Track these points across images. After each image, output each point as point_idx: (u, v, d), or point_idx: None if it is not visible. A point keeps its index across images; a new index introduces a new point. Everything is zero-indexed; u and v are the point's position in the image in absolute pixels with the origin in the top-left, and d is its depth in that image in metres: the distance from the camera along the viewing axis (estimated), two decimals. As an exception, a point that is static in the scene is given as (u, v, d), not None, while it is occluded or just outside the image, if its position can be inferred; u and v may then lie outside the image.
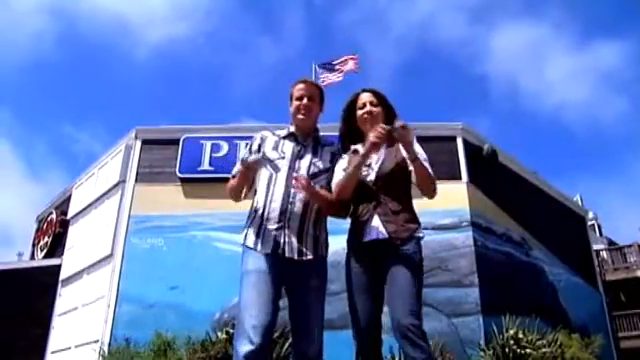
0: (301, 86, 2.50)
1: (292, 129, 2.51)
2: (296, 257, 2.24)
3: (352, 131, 2.59)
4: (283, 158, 2.38)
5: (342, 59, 12.03)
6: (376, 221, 2.34)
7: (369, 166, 2.43)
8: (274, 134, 2.50)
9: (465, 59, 66.48)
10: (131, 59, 76.12)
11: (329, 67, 12.00)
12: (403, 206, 2.35)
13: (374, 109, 2.50)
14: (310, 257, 2.27)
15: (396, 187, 2.37)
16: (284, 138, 2.48)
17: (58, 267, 9.97)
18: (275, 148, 2.43)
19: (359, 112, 2.54)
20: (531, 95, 67.35)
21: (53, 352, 9.28)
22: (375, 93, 2.55)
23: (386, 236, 2.30)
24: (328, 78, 11.81)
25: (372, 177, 2.40)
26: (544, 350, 6.34)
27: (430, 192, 2.37)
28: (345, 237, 2.44)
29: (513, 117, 64.47)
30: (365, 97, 2.55)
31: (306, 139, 2.48)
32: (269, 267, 2.19)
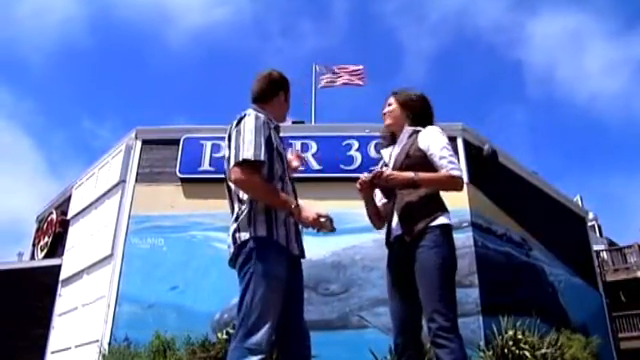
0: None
1: (275, 122, 2.40)
2: (305, 256, 2.31)
3: None
4: (285, 154, 2.40)
5: (344, 67, 12.05)
6: (395, 218, 2.38)
7: (386, 165, 2.50)
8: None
9: (503, 46, 65.01)
10: (165, 46, 72.86)
11: (330, 70, 12.02)
12: (420, 197, 2.31)
13: (387, 109, 2.59)
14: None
15: None
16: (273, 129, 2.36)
17: (58, 267, 9.96)
18: (279, 141, 2.36)
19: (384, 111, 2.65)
20: (568, 84, 65.90)
21: (53, 352, 9.28)
22: (396, 94, 2.60)
23: (400, 232, 2.32)
24: (327, 80, 11.82)
25: None
26: (544, 351, 6.33)
27: (453, 190, 2.36)
28: (345, 238, 2.49)
29: (548, 107, 62.95)
30: (389, 98, 2.62)
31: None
32: (287, 272, 2.15)
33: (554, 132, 59.87)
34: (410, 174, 2.28)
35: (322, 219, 2.12)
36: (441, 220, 2.27)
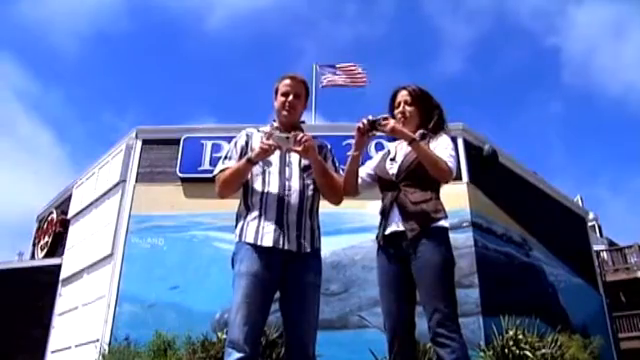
0: (288, 82, 2.45)
1: (276, 125, 2.47)
2: (295, 249, 2.21)
3: None
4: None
5: (345, 65, 12.03)
6: (396, 213, 2.34)
7: (393, 159, 2.47)
8: (259, 131, 2.48)
9: (542, 33, 62.85)
10: (202, 32, 69.31)
11: (331, 69, 12.00)
12: (426, 197, 2.31)
13: (407, 109, 2.50)
14: (308, 250, 2.26)
15: (419, 178, 2.33)
16: None
17: (58, 267, 9.97)
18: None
19: (395, 112, 2.55)
20: (604, 74, 64.32)
21: (53, 352, 9.28)
22: (410, 91, 2.53)
23: (402, 228, 2.29)
24: (328, 79, 11.81)
25: (395, 170, 2.42)
26: (544, 351, 6.33)
27: (439, 176, 2.31)
28: (345, 238, 2.46)
29: (583, 97, 60.92)
30: (400, 96, 2.54)
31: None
32: (265, 267, 2.16)
33: (588, 124, 57.81)
34: (414, 135, 2.31)
35: (266, 144, 2.18)
36: (443, 223, 2.29)
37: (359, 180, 2.49)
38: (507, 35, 63.78)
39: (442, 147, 2.36)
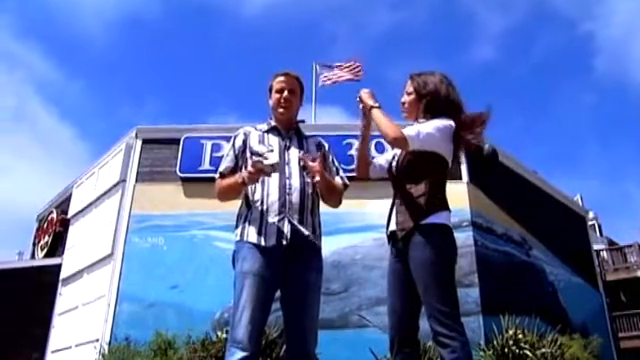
0: (282, 79, 2.44)
1: (273, 123, 2.47)
2: (300, 239, 2.21)
3: None
4: (272, 151, 2.33)
5: (344, 63, 12.04)
6: (393, 212, 2.32)
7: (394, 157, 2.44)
8: (256, 129, 2.47)
9: (577, 20, 61.23)
10: (237, 18, 66.74)
11: (329, 67, 12.00)
12: (419, 193, 2.23)
13: (405, 98, 2.45)
14: (311, 237, 2.26)
15: (413, 173, 2.27)
16: (267, 132, 2.44)
17: (58, 266, 9.98)
18: (261, 142, 2.39)
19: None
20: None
21: (53, 351, 9.29)
22: (414, 79, 2.45)
23: (394, 228, 2.26)
24: (328, 78, 11.81)
25: (394, 166, 2.41)
26: (544, 350, 6.33)
27: (388, 140, 2.23)
28: (346, 237, 2.43)
29: (619, 89, 58.19)
30: (406, 86, 2.48)
31: (289, 132, 2.45)
32: (268, 266, 2.16)
33: (621, 116, 55.60)
34: (372, 103, 2.30)
35: (252, 170, 2.18)
36: (434, 219, 2.19)
37: (372, 165, 2.50)
38: (542, 21, 61.81)
39: (424, 124, 2.26)
